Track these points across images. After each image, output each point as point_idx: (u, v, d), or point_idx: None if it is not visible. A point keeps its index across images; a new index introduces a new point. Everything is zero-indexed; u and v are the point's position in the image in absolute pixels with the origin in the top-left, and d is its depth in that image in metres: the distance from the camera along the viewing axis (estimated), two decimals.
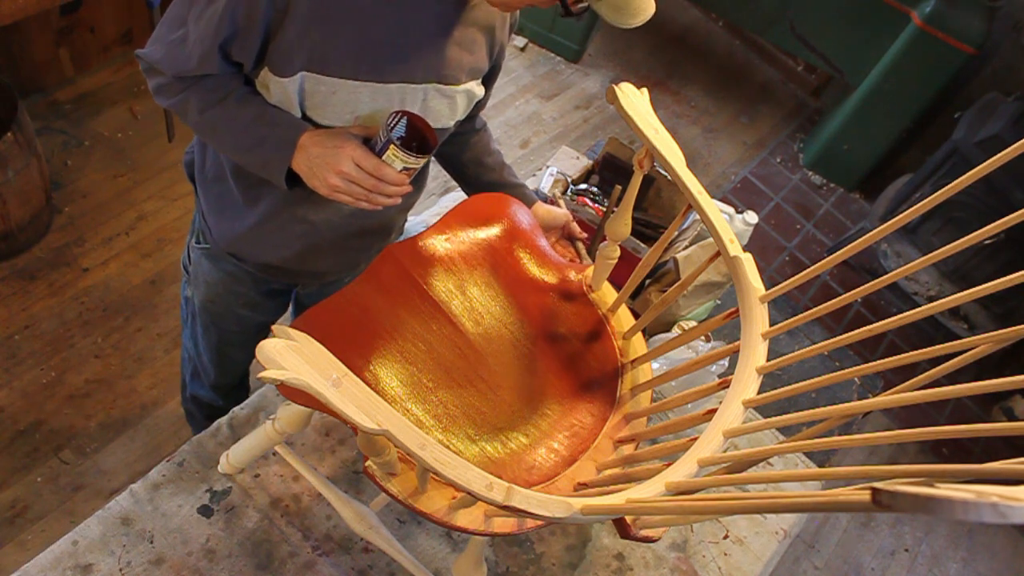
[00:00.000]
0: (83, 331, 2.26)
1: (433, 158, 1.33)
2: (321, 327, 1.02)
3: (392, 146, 1.01)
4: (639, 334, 1.22)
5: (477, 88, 1.20)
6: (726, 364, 1.49)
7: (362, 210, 1.16)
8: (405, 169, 1.04)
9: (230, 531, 1.23)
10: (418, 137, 1.07)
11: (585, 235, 1.42)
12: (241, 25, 1.00)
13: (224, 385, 1.61)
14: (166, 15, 1.09)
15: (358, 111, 1.09)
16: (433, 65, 1.11)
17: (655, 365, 1.48)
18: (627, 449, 1.10)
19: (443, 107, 1.17)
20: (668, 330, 1.61)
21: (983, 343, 0.75)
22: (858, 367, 0.84)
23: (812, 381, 0.87)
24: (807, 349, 0.90)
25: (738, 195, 3.50)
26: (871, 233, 0.89)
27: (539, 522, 0.88)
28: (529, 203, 1.36)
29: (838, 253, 0.93)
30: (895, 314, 1.27)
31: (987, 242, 2.95)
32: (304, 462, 1.23)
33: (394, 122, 1.03)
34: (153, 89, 1.13)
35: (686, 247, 1.70)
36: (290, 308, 1.66)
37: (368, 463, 0.88)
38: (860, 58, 3.41)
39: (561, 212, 1.41)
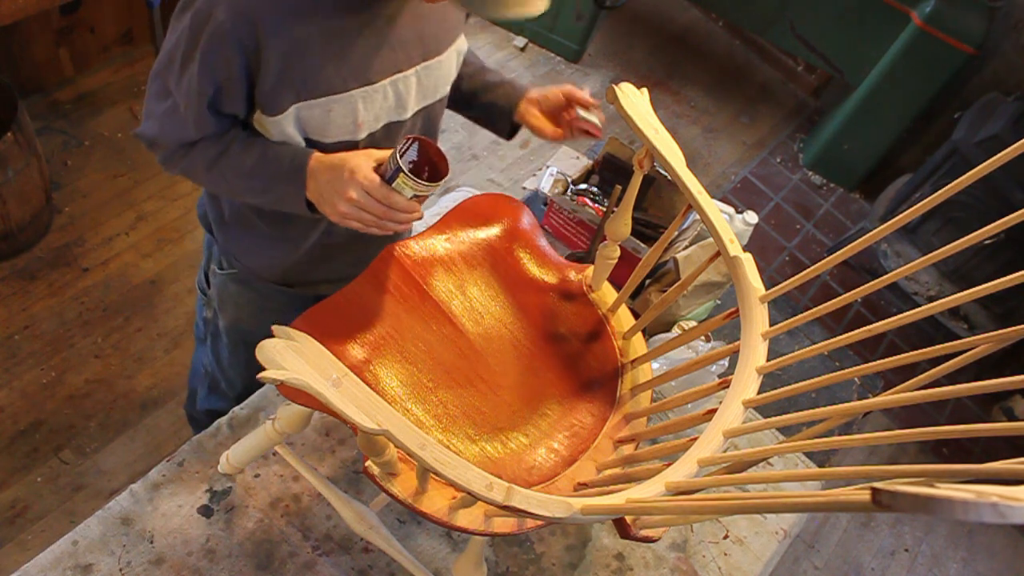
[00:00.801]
0: (83, 331, 2.26)
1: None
2: (321, 327, 1.02)
3: (402, 174, 0.99)
4: (639, 334, 1.22)
5: (462, 41, 1.22)
6: (726, 364, 1.49)
7: None
8: (416, 196, 1.02)
9: (230, 531, 1.23)
10: (429, 164, 1.06)
11: (593, 100, 1.26)
12: (222, 81, 1.02)
13: (250, 394, 1.61)
14: (149, 88, 1.10)
15: (358, 119, 1.09)
16: (415, 47, 1.12)
17: (655, 365, 1.48)
18: (627, 449, 1.10)
19: (438, 78, 1.18)
20: (668, 330, 1.61)
21: (983, 343, 0.75)
22: (858, 367, 0.84)
23: (812, 381, 0.87)
24: (807, 349, 0.90)
25: (738, 195, 3.50)
26: (871, 233, 0.89)
27: (539, 522, 0.88)
28: (520, 92, 1.31)
29: (838, 253, 0.93)
30: (895, 314, 1.27)
31: (987, 242, 2.95)
32: (304, 462, 1.23)
33: (405, 148, 1.02)
34: (160, 161, 1.16)
35: (686, 247, 1.70)
36: None
37: (368, 463, 0.88)
38: (860, 58, 3.41)
39: (554, 89, 1.29)
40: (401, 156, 1.00)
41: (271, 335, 0.96)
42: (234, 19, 0.96)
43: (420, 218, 1.07)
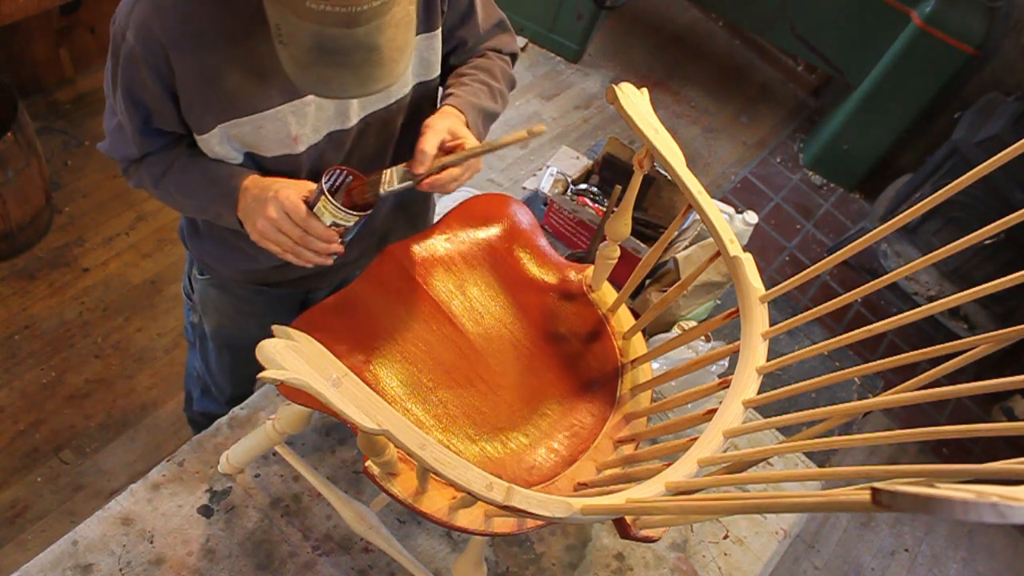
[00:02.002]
0: (83, 331, 2.26)
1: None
2: (321, 327, 1.02)
3: (323, 198, 0.98)
4: (639, 334, 1.22)
5: (428, 39, 1.14)
6: (726, 364, 1.49)
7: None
8: (335, 225, 1.00)
9: (230, 531, 1.23)
10: (352, 192, 1.03)
11: (460, 141, 1.09)
12: (147, 103, 1.01)
13: (240, 397, 1.60)
14: (106, 104, 1.09)
15: (292, 132, 1.06)
16: None
17: (655, 365, 1.48)
18: (627, 449, 1.10)
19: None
20: (668, 330, 1.61)
21: (983, 343, 0.75)
22: (858, 367, 0.84)
23: (812, 381, 0.87)
24: (807, 349, 0.90)
25: (738, 195, 3.50)
26: (871, 233, 0.89)
27: (539, 522, 0.88)
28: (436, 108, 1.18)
29: (838, 253, 0.93)
30: (895, 314, 1.27)
31: (987, 242, 2.95)
32: (304, 462, 1.23)
33: (330, 175, 1.01)
34: (121, 173, 1.17)
35: (686, 247, 1.70)
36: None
37: (368, 463, 0.88)
38: (860, 58, 3.40)
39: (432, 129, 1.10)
40: (325, 182, 0.99)
41: (254, 339, 0.97)
42: (143, 42, 0.95)
43: (340, 252, 1.04)
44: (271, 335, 1.64)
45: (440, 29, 1.16)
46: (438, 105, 1.21)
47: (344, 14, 0.80)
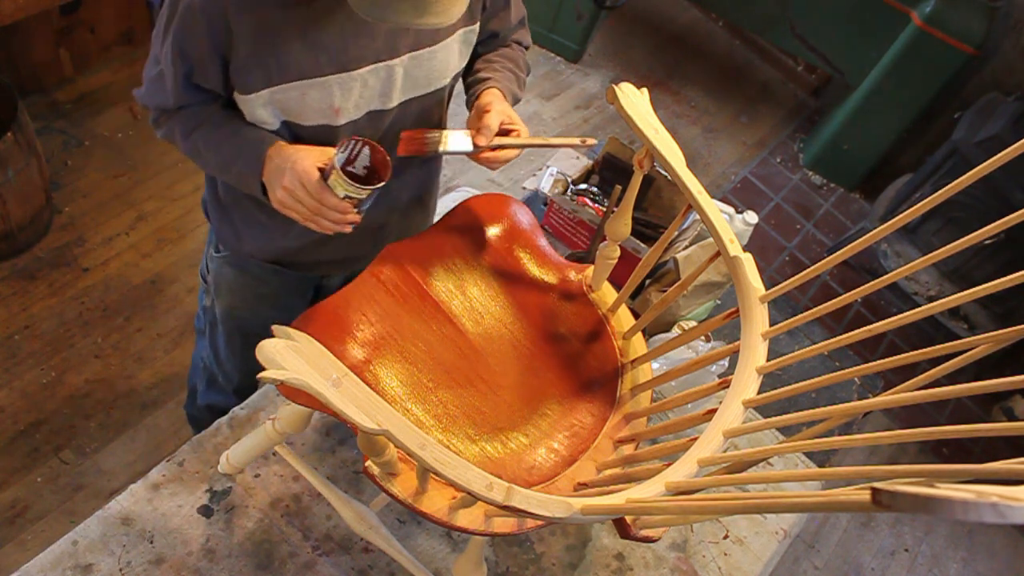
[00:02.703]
0: (83, 331, 2.26)
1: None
2: (321, 327, 1.02)
3: (335, 171, 1.01)
4: (639, 334, 1.22)
5: (469, 33, 1.18)
6: (726, 364, 1.49)
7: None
8: (348, 197, 1.03)
9: (230, 531, 1.23)
10: (364, 166, 1.06)
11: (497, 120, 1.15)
12: (194, 58, 1.03)
13: (247, 387, 1.61)
14: (151, 52, 1.12)
15: (335, 104, 1.09)
16: (403, 36, 1.10)
17: (655, 365, 1.48)
18: (627, 449, 1.10)
19: (431, 69, 1.15)
20: (668, 330, 1.61)
21: (983, 343, 0.75)
22: (858, 367, 0.84)
23: (812, 381, 0.87)
24: (807, 349, 0.90)
25: (738, 195, 3.50)
26: (871, 233, 0.89)
27: (539, 522, 0.88)
28: (475, 95, 1.23)
29: (838, 253, 0.93)
30: (895, 314, 1.27)
31: (987, 242, 2.95)
32: (304, 462, 1.23)
33: (348, 148, 1.03)
34: (151, 123, 1.19)
35: (686, 247, 1.70)
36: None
37: (368, 463, 0.88)
38: (860, 58, 3.40)
39: (484, 104, 1.18)
40: (340, 155, 1.02)
41: (265, 321, 0.98)
42: (204, 1, 0.97)
43: (356, 221, 1.07)
44: (282, 318, 1.65)
45: (478, 24, 1.19)
46: (469, 87, 1.26)
47: None
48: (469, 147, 1.10)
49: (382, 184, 1.04)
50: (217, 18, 0.98)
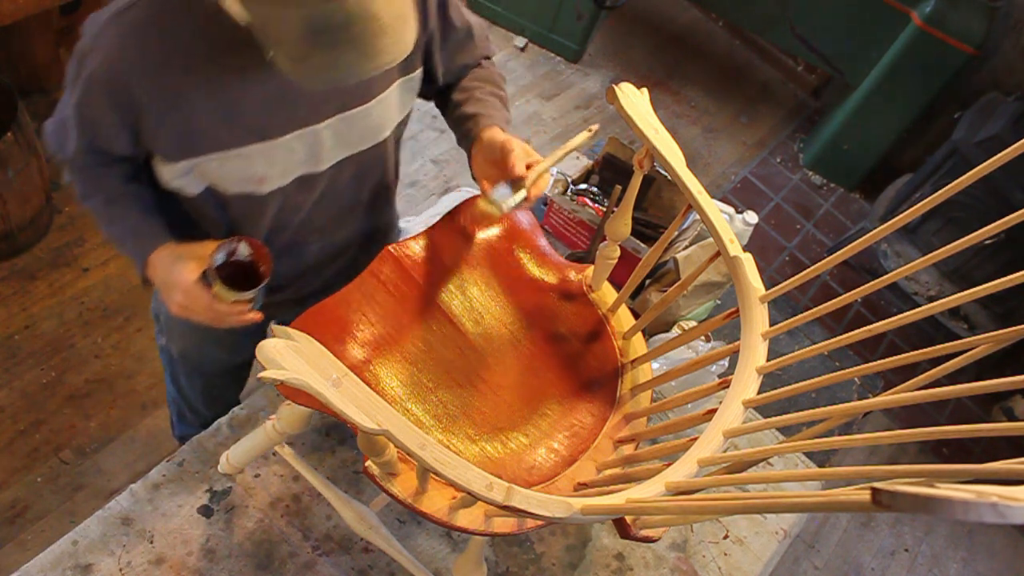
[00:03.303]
0: (83, 331, 2.26)
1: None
2: (321, 327, 1.02)
3: (216, 283, 0.98)
4: (639, 334, 1.22)
5: (408, 82, 1.11)
6: (726, 364, 1.49)
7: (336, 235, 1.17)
8: (237, 301, 1.00)
9: (230, 531, 1.23)
10: (241, 271, 1.01)
11: (521, 174, 1.07)
12: (99, 128, 0.97)
13: (215, 418, 1.57)
14: (64, 96, 1.02)
15: (258, 173, 1.03)
16: (328, 99, 1.03)
17: (655, 365, 1.48)
18: (627, 449, 1.10)
19: (364, 128, 1.09)
20: (668, 330, 1.61)
21: (983, 343, 0.75)
22: (858, 367, 0.84)
23: (812, 381, 0.87)
24: (807, 349, 0.90)
25: (738, 195, 3.50)
26: (871, 233, 0.89)
27: (539, 522, 0.88)
28: (476, 131, 1.14)
29: (838, 253, 0.93)
30: (895, 314, 1.27)
31: (987, 242, 2.95)
32: (304, 462, 1.23)
33: (222, 253, 0.99)
34: (55, 161, 1.11)
35: (686, 247, 1.70)
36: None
37: (368, 463, 0.88)
38: (860, 58, 3.40)
39: (499, 139, 1.10)
40: (215, 264, 0.98)
41: (220, 364, 0.98)
42: (107, 71, 0.90)
43: (258, 320, 1.04)
44: (236, 358, 1.60)
45: (419, 70, 1.13)
46: (458, 122, 1.19)
47: None
48: (522, 194, 1.05)
49: (266, 281, 1.01)
50: (120, 90, 0.91)
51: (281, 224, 1.15)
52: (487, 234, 1.22)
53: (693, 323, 1.63)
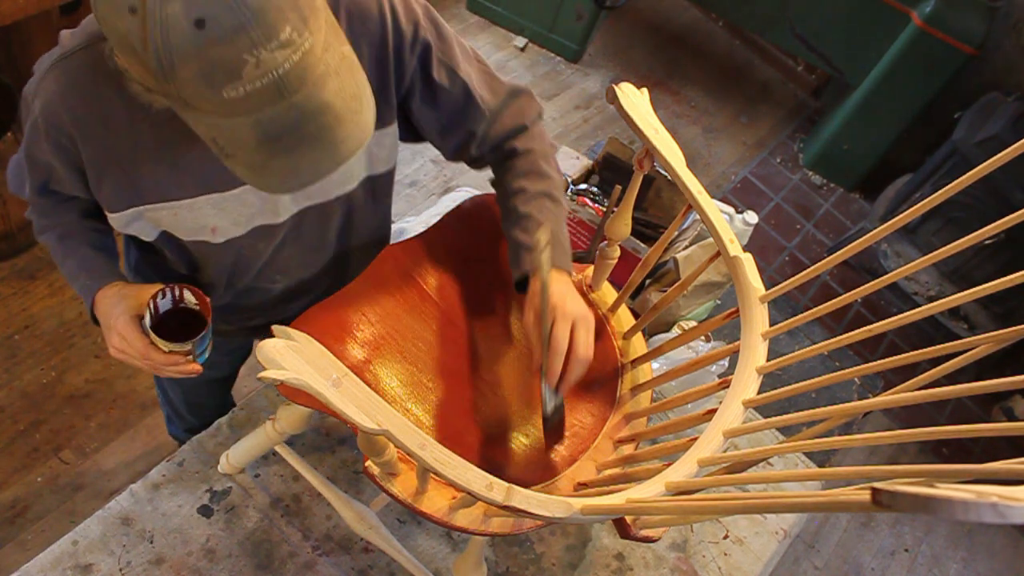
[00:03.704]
0: (83, 331, 2.26)
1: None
2: (321, 327, 1.02)
3: (152, 333, 0.95)
4: (639, 334, 1.22)
5: (378, 138, 1.04)
6: (726, 364, 1.49)
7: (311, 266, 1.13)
8: (174, 351, 0.96)
9: (230, 531, 1.23)
10: (177, 321, 0.98)
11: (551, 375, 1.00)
12: (49, 171, 0.95)
13: (201, 427, 1.52)
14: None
15: (210, 224, 0.99)
16: None
17: (655, 365, 1.48)
18: (627, 449, 1.10)
19: (326, 182, 0.96)
20: (668, 330, 1.61)
21: (983, 343, 0.75)
22: (858, 367, 0.84)
23: (812, 381, 0.87)
24: (807, 349, 0.90)
25: (738, 195, 3.50)
26: (871, 233, 0.89)
27: (539, 522, 0.88)
28: (520, 271, 1.04)
29: (838, 253, 0.93)
30: (895, 314, 1.27)
31: (987, 242, 2.95)
32: (304, 462, 1.23)
33: (160, 300, 0.97)
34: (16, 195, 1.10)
35: (686, 247, 1.70)
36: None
37: (368, 463, 0.88)
38: (860, 58, 3.40)
39: (535, 313, 1.00)
40: (153, 312, 0.96)
41: (199, 382, 0.96)
42: (47, 119, 0.88)
43: (195, 372, 1.00)
44: (214, 376, 1.58)
45: (395, 124, 1.05)
46: (509, 227, 1.07)
47: (269, 85, 0.69)
48: (560, 401, 1.01)
49: (205, 331, 0.97)
50: (63, 139, 0.88)
51: (242, 269, 1.11)
52: (487, 234, 1.22)
53: (693, 323, 1.63)
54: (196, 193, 0.95)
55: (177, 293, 0.99)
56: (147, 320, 0.96)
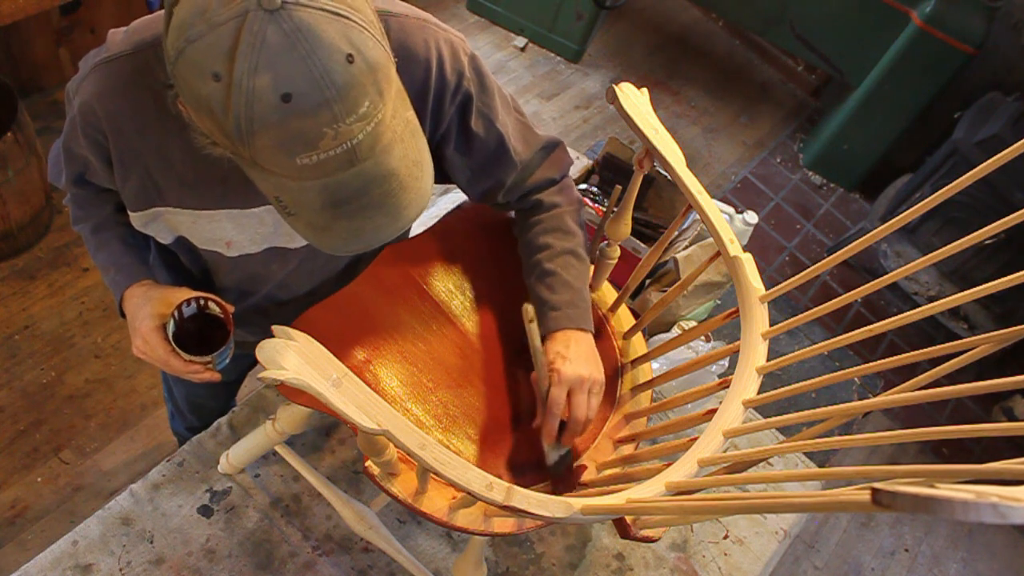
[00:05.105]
0: (83, 331, 2.26)
1: None
2: (321, 327, 1.02)
3: (174, 342, 0.97)
4: (639, 334, 1.22)
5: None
6: (726, 364, 1.49)
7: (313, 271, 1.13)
8: (192, 361, 0.98)
9: (230, 531, 1.23)
10: (197, 326, 1.00)
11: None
12: (85, 163, 0.97)
13: (202, 428, 1.56)
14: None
15: (226, 237, 1.00)
16: None
17: (655, 365, 1.48)
18: (627, 449, 1.10)
19: None
20: (668, 330, 1.61)
21: (983, 343, 0.75)
22: (858, 367, 0.84)
23: (812, 381, 0.87)
24: (807, 349, 0.90)
25: (738, 195, 3.50)
26: (871, 233, 0.89)
27: (539, 522, 0.88)
28: (547, 325, 1.06)
29: (838, 253, 0.93)
30: (895, 314, 1.27)
31: (987, 242, 2.95)
32: (304, 462, 1.23)
33: (177, 313, 0.97)
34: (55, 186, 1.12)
35: (686, 247, 1.70)
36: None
37: (368, 463, 0.88)
38: (860, 58, 3.41)
39: (542, 380, 1.03)
40: (177, 319, 0.97)
41: (199, 390, 0.96)
42: (84, 117, 0.90)
43: (215, 380, 1.01)
44: (213, 387, 1.56)
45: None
46: (529, 272, 1.11)
47: (343, 154, 0.70)
48: (567, 451, 1.04)
49: (228, 343, 0.98)
50: (98, 134, 0.91)
51: (250, 289, 1.13)
52: (487, 234, 1.22)
53: (693, 323, 1.63)
54: (216, 206, 0.96)
55: (202, 302, 1.00)
56: (171, 327, 0.97)
